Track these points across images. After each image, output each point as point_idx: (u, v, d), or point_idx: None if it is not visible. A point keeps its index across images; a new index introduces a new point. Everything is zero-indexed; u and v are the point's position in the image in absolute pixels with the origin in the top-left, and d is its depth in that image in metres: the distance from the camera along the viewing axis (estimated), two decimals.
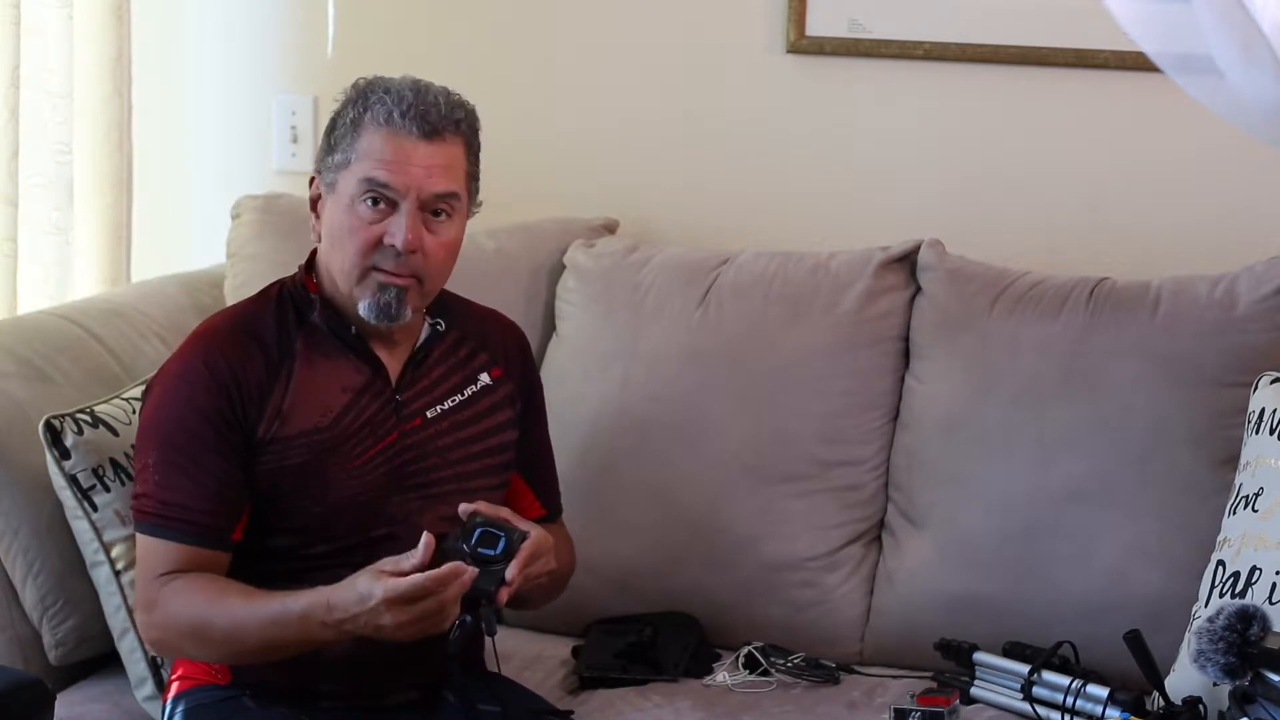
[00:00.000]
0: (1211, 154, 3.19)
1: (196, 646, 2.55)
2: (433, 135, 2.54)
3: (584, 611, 3.03)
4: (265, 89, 3.72)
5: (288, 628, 2.46)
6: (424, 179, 2.53)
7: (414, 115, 2.52)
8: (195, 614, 2.50)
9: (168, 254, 3.66)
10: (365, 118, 2.54)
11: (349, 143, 2.55)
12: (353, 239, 2.54)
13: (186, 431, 2.54)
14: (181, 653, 2.60)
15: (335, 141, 2.57)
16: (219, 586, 2.52)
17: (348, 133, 2.55)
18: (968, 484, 2.98)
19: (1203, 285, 2.97)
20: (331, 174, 2.57)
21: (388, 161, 2.52)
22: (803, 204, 3.45)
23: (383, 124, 2.53)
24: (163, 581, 2.52)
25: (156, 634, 2.56)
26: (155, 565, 2.53)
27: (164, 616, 2.52)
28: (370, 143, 2.53)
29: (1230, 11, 2.43)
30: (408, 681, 2.62)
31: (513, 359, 2.76)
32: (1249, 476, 2.72)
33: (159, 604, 2.52)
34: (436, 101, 2.55)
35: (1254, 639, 2.45)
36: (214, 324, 2.65)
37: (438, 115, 2.54)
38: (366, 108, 2.55)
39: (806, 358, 3.08)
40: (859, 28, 3.38)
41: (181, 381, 2.57)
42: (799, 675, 2.90)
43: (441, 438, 2.64)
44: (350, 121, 2.56)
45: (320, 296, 2.61)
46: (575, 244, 3.30)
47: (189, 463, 2.52)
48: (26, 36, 3.41)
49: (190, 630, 2.52)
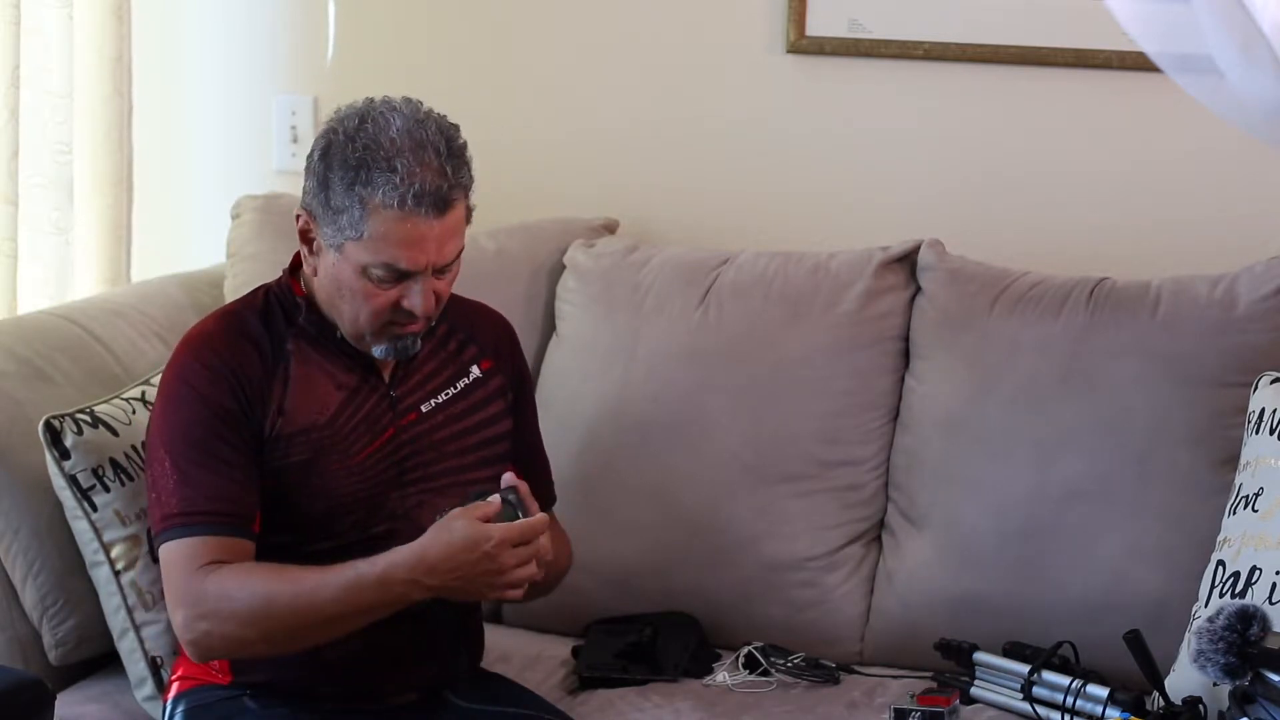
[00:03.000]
0: (1211, 154, 3.19)
1: (256, 626, 2.44)
2: (444, 210, 2.47)
3: (584, 611, 3.03)
4: (265, 89, 3.72)
5: (364, 591, 2.42)
6: (437, 253, 2.49)
7: (426, 197, 2.44)
8: (256, 591, 2.44)
9: (168, 254, 3.66)
10: (374, 199, 2.44)
11: (357, 218, 2.45)
12: (368, 304, 2.51)
13: (199, 424, 2.51)
14: (231, 643, 2.49)
15: (336, 207, 2.47)
16: (272, 565, 2.48)
17: (352, 205, 2.45)
18: (968, 484, 2.98)
19: (1203, 285, 2.97)
20: (336, 237, 2.49)
21: (406, 247, 2.46)
22: (803, 204, 3.45)
23: (394, 208, 2.44)
24: (206, 572, 2.45)
25: (206, 626, 2.46)
26: (191, 562, 2.46)
27: (215, 604, 2.44)
28: (383, 227, 2.45)
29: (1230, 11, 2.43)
30: (408, 682, 2.62)
31: (502, 351, 2.76)
32: (1249, 476, 2.72)
33: (205, 594, 2.45)
34: (441, 168, 2.45)
35: (1254, 639, 2.45)
36: (203, 327, 2.63)
37: (446, 186, 2.46)
38: (370, 183, 2.44)
39: (806, 358, 3.08)
40: (859, 28, 3.38)
41: (182, 384, 2.55)
42: (799, 675, 2.90)
43: (437, 431, 2.64)
44: (357, 198, 2.44)
45: (307, 301, 2.61)
46: (575, 244, 3.30)
47: (204, 457, 2.50)
48: (26, 36, 3.41)
49: (251, 611, 2.44)
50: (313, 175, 2.51)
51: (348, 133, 2.48)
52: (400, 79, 2.63)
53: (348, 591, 2.43)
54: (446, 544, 2.41)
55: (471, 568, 2.41)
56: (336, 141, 2.49)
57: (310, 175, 2.52)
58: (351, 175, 2.46)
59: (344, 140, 2.48)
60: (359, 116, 2.49)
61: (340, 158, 2.47)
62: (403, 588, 2.43)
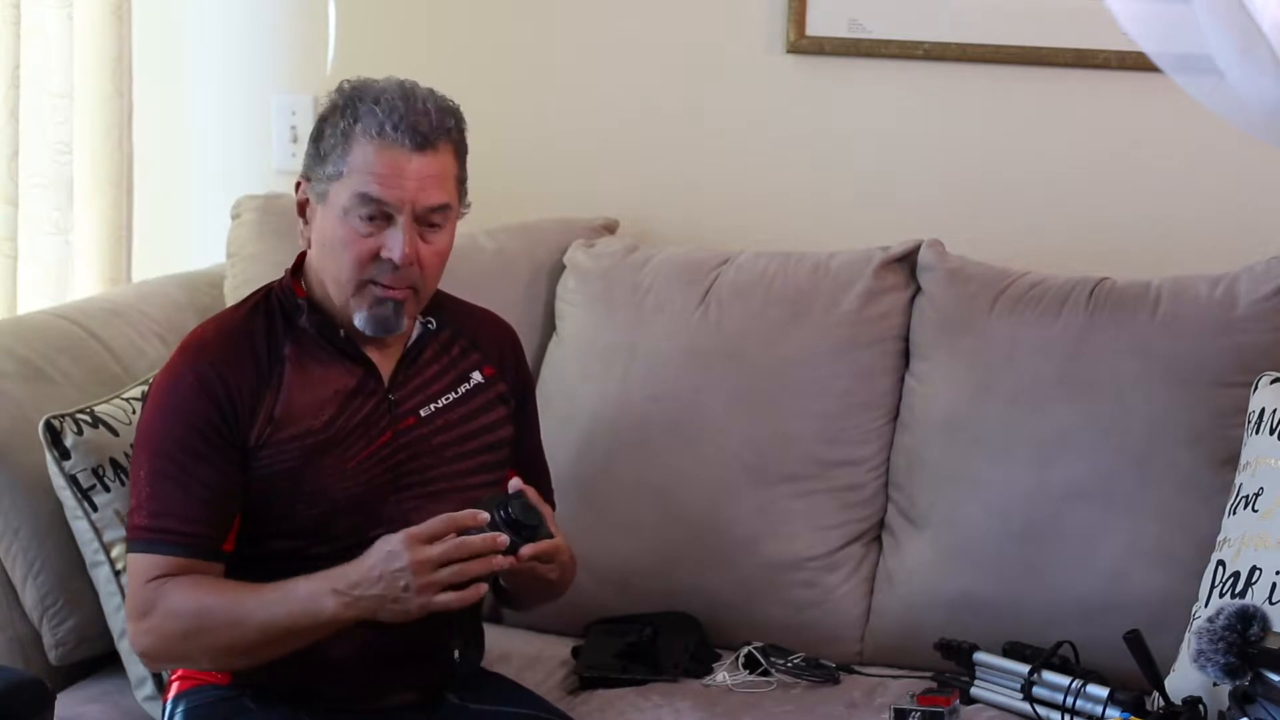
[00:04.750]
0: (1211, 154, 3.19)
1: (192, 643, 2.49)
2: (425, 146, 2.52)
3: (584, 611, 3.03)
4: (265, 89, 3.73)
5: (293, 605, 2.43)
6: (418, 192, 2.52)
7: (406, 127, 2.50)
8: (193, 605, 2.47)
9: (168, 254, 3.66)
10: (356, 129, 2.51)
11: (340, 154, 2.53)
12: (348, 251, 2.53)
13: (175, 441, 2.52)
14: (174, 656, 2.55)
15: (325, 151, 2.55)
16: (216, 581, 2.50)
17: (338, 143, 2.53)
18: (968, 484, 2.98)
19: (1203, 285, 2.97)
20: (322, 184, 2.55)
21: (381, 176, 2.51)
22: (803, 204, 3.45)
23: (374, 136, 2.51)
24: (156, 585, 2.49)
25: (150, 639, 2.51)
26: (146, 574, 2.50)
27: (158, 618, 2.48)
28: (362, 156, 2.51)
29: (1230, 11, 2.43)
30: (408, 682, 2.62)
31: (505, 358, 2.75)
32: (1249, 476, 2.72)
33: (153, 607, 2.49)
34: (426, 110, 2.53)
35: (1254, 639, 2.45)
36: (201, 334, 2.63)
37: (429, 125, 2.52)
38: (356, 118, 2.52)
39: (806, 358, 3.08)
40: (859, 28, 3.38)
41: (170, 394, 2.55)
42: (799, 675, 2.90)
43: (435, 436, 2.64)
44: (341, 132, 2.53)
45: (308, 301, 2.61)
46: (575, 244, 3.30)
47: (179, 472, 2.51)
48: (26, 37, 3.42)
49: (187, 624, 2.47)
50: (310, 140, 2.58)
51: (342, 90, 2.57)
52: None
53: (277, 606, 2.44)
54: (358, 562, 2.43)
55: (392, 578, 2.39)
56: (333, 101, 2.57)
57: (309, 141, 2.59)
58: (338, 116, 2.54)
59: (337, 95, 2.57)
60: (358, 78, 2.58)
61: (331, 107, 2.56)
62: (330, 600, 2.42)
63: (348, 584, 2.42)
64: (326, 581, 2.44)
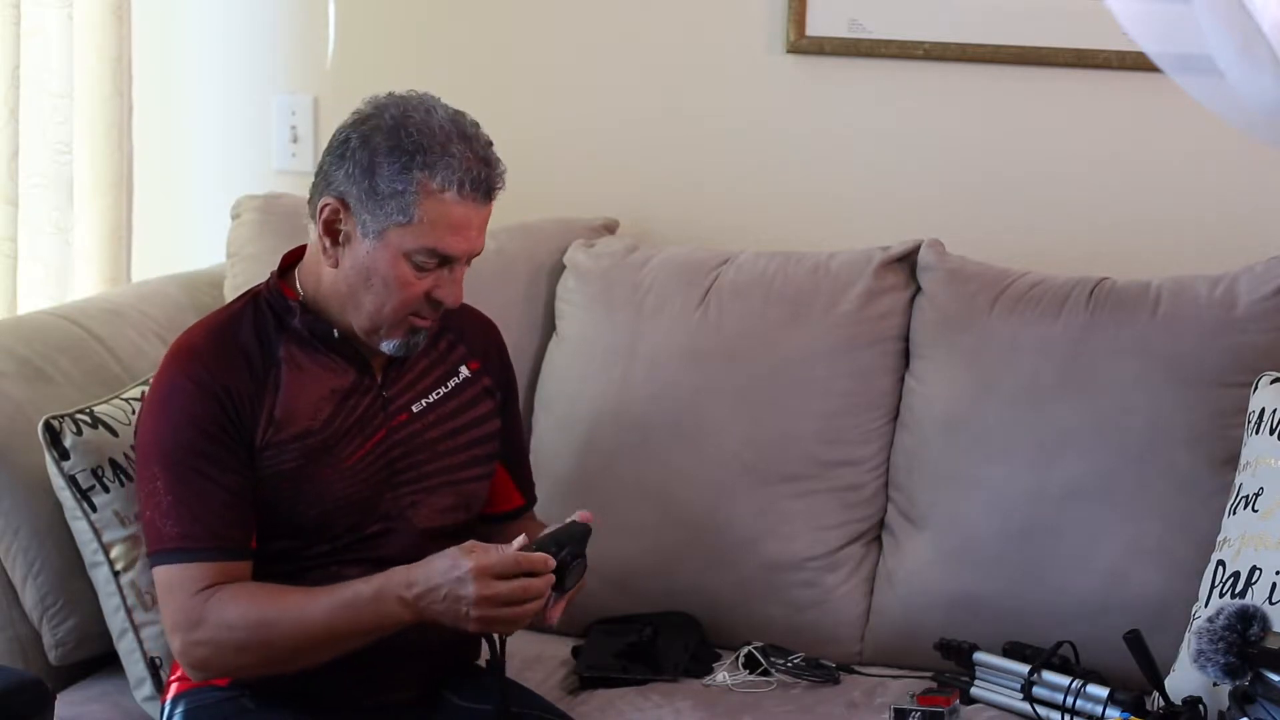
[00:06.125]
0: (1211, 154, 3.19)
1: (254, 652, 2.48)
2: (489, 198, 2.52)
3: (584, 611, 3.02)
4: (265, 89, 3.72)
5: (360, 610, 2.43)
6: (477, 241, 2.53)
7: (482, 188, 2.49)
8: (255, 615, 2.46)
9: (168, 254, 3.66)
10: (430, 181, 2.46)
11: (409, 201, 2.46)
12: (401, 292, 2.51)
13: (187, 447, 2.51)
14: (228, 668, 2.52)
15: (383, 190, 2.47)
16: (270, 587, 2.50)
17: (406, 188, 2.46)
18: (968, 484, 2.98)
19: (1203, 285, 2.97)
20: (379, 223, 2.49)
21: (454, 231, 2.48)
22: (803, 204, 3.45)
23: (453, 192, 2.47)
24: (205, 596, 2.47)
25: (206, 650, 2.49)
26: (190, 586, 2.48)
27: (215, 628, 2.47)
28: (438, 210, 2.47)
29: (1230, 11, 2.43)
30: (407, 681, 2.62)
31: (490, 352, 2.76)
32: (1249, 476, 2.72)
33: (206, 618, 2.47)
34: (487, 158, 2.50)
35: (1254, 639, 2.45)
36: (189, 338, 2.61)
37: (495, 176, 2.51)
38: (428, 166, 2.45)
39: (806, 358, 3.08)
40: (859, 28, 3.38)
41: (171, 401, 2.54)
42: (799, 675, 2.90)
43: (428, 431, 2.64)
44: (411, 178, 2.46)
45: (300, 303, 2.60)
46: (575, 244, 3.30)
47: (197, 477, 2.50)
48: (26, 37, 3.41)
49: (250, 634, 2.46)
50: (352, 162, 2.50)
51: (395, 119, 2.49)
52: (400, 79, 2.63)
53: (344, 609, 2.45)
54: (424, 569, 2.43)
55: (454, 588, 2.40)
56: (382, 128, 2.49)
57: (347, 162, 2.50)
58: (407, 159, 2.47)
59: (392, 126, 2.48)
60: (400, 106, 2.51)
61: (391, 143, 2.48)
62: (394, 606, 2.44)
63: (414, 594, 2.42)
64: (390, 587, 2.43)
